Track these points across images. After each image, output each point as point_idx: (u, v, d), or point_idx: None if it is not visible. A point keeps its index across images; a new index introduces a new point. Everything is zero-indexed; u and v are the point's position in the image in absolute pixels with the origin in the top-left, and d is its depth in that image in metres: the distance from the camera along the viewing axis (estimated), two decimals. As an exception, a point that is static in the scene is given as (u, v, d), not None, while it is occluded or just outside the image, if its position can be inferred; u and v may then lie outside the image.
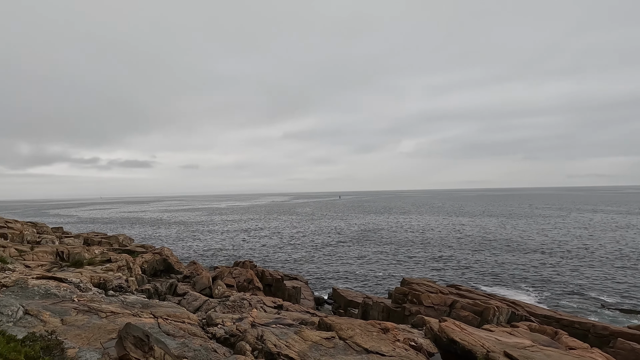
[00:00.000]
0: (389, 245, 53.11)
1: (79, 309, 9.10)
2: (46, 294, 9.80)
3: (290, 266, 41.18)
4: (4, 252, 14.85)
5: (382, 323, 12.07)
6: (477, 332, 12.84)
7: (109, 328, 8.06)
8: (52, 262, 14.96)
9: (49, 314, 8.20)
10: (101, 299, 10.62)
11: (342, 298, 28.08)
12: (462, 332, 12.08)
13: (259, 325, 11.19)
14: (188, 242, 60.73)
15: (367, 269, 39.50)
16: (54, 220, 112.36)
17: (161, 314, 10.40)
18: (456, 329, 12.13)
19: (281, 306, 20.50)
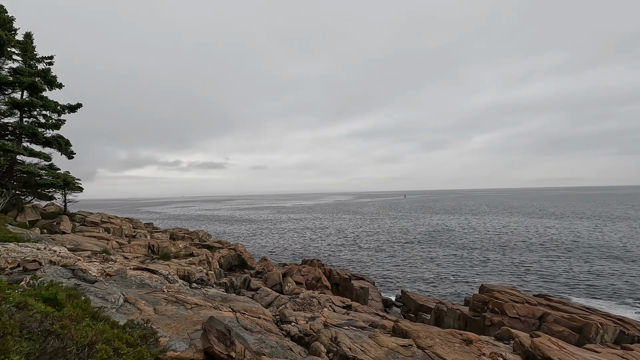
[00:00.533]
0: (460, 248, 49.67)
1: (168, 300, 9.86)
2: (141, 283, 10.81)
3: (354, 266, 40.78)
4: (107, 244, 16.97)
5: (463, 333, 11.03)
6: (580, 352, 11.09)
7: (194, 319, 8.55)
8: (145, 255, 16.70)
9: (144, 303, 8.97)
10: (186, 290, 11.40)
11: (412, 301, 26.90)
12: (560, 350, 10.53)
13: (331, 325, 11.00)
14: (257, 239, 63.88)
15: (436, 272, 37.33)
16: (145, 216, 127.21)
17: (239, 309, 10.80)
18: (553, 347, 10.61)
19: (350, 306, 20.21)
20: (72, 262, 10.19)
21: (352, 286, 26.24)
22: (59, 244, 13.07)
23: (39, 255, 9.83)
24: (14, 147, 18.42)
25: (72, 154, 23.04)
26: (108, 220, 25.20)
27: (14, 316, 4.26)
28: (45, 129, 21.37)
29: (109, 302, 8.15)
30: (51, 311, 5.92)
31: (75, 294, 7.49)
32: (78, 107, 22.92)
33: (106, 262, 12.22)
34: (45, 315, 4.52)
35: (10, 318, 4.41)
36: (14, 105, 19.29)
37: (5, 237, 10.24)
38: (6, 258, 9.15)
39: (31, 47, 20.54)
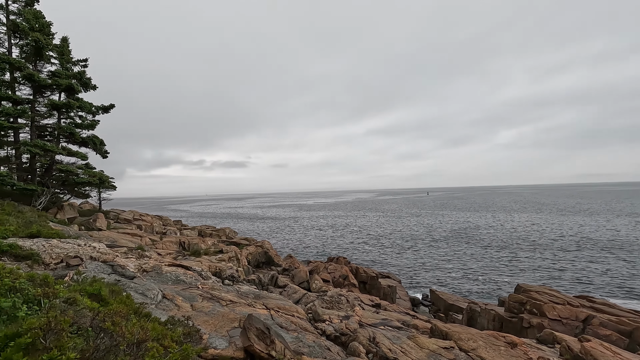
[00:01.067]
0: (487, 246, 47.99)
1: (203, 296, 9.89)
2: (176, 280, 10.92)
3: (378, 264, 40.19)
4: (141, 241, 17.39)
5: (506, 336, 10.47)
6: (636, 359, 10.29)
7: (231, 317, 8.50)
8: (177, 251, 17.00)
9: (181, 299, 9.01)
10: (220, 287, 11.43)
11: (441, 301, 26.21)
12: (615, 357, 9.82)
13: (366, 325, 10.72)
14: (280, 236, 64.33)
15: (463, 271, 36.18)
16: (171, 214, 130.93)
17: (272, 306, 10.71)
18: (607, 352, 9.89)
19: (379, 305, 19.84)
20: (111, 258, 10.41)
21: (380, 284, 25.81)
22: (97, 241, 13.45)
23: (80, 251, 10.10)
24: (54, 147, 19.25)
25: (106, 153, 23.91)
26: (140, 218, 25.94)
27: (67, 312, 4.25)
28: (82, 129, 22.26)
29: (149, 298, 8.21)
30: (97, 307, 5.93)
31: (117, 290, 7.56)
32: (111, 107, 23.75)
33: (142, 259, 12.44)
34: (97, 313, 4.49)
35: (63, 314, 4.40)
36: (53, 106, 20.16)
37: (48, 233, 10.58)
38: (50, 254, 9.43)
39: (67, 51, 21.40)
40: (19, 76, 19.42)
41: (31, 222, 12.08)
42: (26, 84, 19.97)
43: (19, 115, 19.03)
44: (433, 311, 26.38)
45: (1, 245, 9.05)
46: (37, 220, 12.76)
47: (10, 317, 4.79)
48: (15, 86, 19.90)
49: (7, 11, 19.75)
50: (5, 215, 12.25)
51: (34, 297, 5.31)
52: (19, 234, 10.29)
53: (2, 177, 16.52)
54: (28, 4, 20.23)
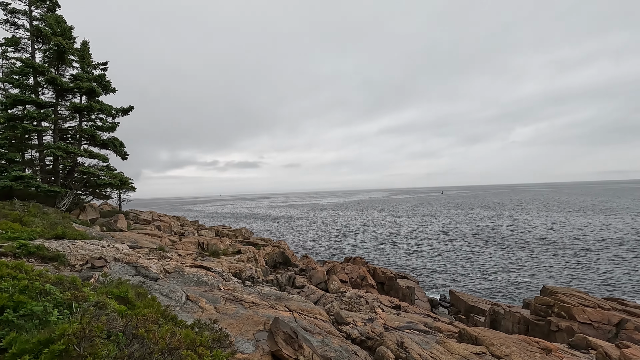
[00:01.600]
0: (506, 246, 46.77)
1: (226, 298, 9.79)
2: (198, 281, 10.86)
3: (394, 264, 39.64)
4: (161, 242, 17.51)
5: (540, 341, 10.02)
6: (681, 366, 9.68)
7: (256, 319, 8.35)
8: (196, 252, 17.03)
9: (205, 301, 8.92)
10: (241, 288, 11.32)
11: (461, 302, 25.63)
12: (658, 364, 9.22)
13: (391, 328, 10.42)
14: (294, 236, 64.33)
15: (481, 271, 35.32)
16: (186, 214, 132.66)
17: (295, 308, 10.53)
18: (649, 360, 9.31)
19: (399, 306, 19.47)
20: (134, 259, 10.42)
21: (398, 285, 25.40)
22: (120, 242, 13.55)
23: (104, 252, 10.13)
24: (76, 149, 19.62)
25: (126, 155, 24.28)
26: (158, 218, 26.24)
27: (99, 318, 4.15)
28: (102, 131, 22.67)
29: (173, 300, 8.14)
30: (124, 310, 5.84)
31: (143, 292, 7.50)
32: (130, 109, 24.11)
33: (163, 259, 12.46)
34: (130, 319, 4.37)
35: (94, 318, 4.30)
36: (75, 109, 20.56)
37: (73, 235, 10.67)
38: (76, 255, 9.48)
39: (88, 54, 21.80)
40: (42, 80, 19.89)
41: (56, 223, 12.24)
42: (49, 87, 20.42)
43: (43, 118, 19.48)
44: (453, 313, 25.84)
45: (28, 247, 9.14)
46: (61, 222, 12.94)
47: (42, 321, 4.70)
48: (39, 90, 20.40)
49: (31, 17, 20.25)
50: (31, 217, 12.45)
51: (64, 301, 5.24)
52: (45, 235, 10.40)
53: (27, 179, 16.91)
54: (50, 9, 20.70)
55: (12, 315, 4.61)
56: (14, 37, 19.76)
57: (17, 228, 10.47)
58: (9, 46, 19.65)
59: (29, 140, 22.14)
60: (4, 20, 19.96)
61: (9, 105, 19.05)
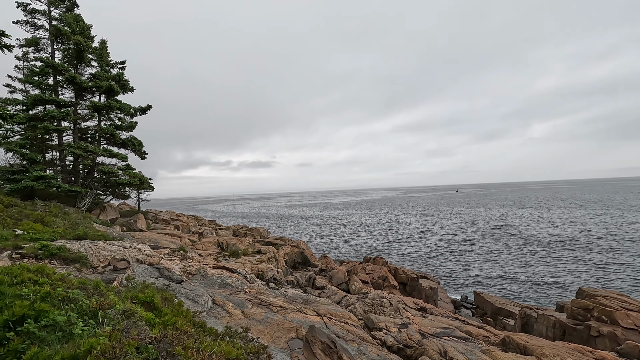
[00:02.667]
0: (526, 245, 45.10)
1: (252, 301, 9.29)
2: (222, 283, 10.39)
3: (411, 263, 38.67)
4: (181, 242, 17.21)
5: (594, 351, 9.17)
6: None
7: (287, 325, 7.82)
8: (216, 252, 16.67)
9: (232, 305, 8.44)
10: (266, 291, 10.82)
11: (487, 304, 24.61)
12: None
13: (428, 335, 9.72)
14: (309, 235, 63.85)
15: (502, 271, 34.04)
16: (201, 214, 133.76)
17: (324, 312, 9.96)
18: None
19: (424, 309, 18.70)
20: (157, 261, 10.03)
21: (421, 286, 24.55)
22: (141, 242, 13.23)
23: (126, 253, 9.77)
24: (96, 148, 19.56)
25: (144, 154, 24.19)
26: (177, 218, 26.10)
27: (129, 331, 3.66)
28: (121, 130, 22.60)
29: (200, 304, 7.68)
30: (152, 318, 5.35)
31: (169, 297, 7.03)
32: (148, 108, 23.99)
33: (185, 260, 12.08)
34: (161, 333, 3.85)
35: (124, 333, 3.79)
36: (95, 108, 20.52)
37: (94, 235, 10.36)
38: (97, 257, 9.13)
39: (106, 54, 21.76)
40: (61, 80, 19.89)
41: (77, 223, 11.99)
42: (68, 87, 20.43)
43: (63, 117, 19.47)
44: (478, 315, 24.87)
45: (50, 248, 8.82)
46: (82, 222, 12.71)
47: (66, 333, 4.19)
48: (59, 90, 20.44)
49: (50, 17, 20.28)
50: (53, 217, 12.24)
51: (89, 309, 4.78)
52: (66, 236, 10.11)
53: (48, 179, 16.88)
54: (69, 9, 20.71)
55: (33, 326, 4.12)
56: (34, 38, 19.82)
57: (38, 228, 10.23)
58: (29, 46, 19.73)
59: (49, 141, 22.24)
60: (24, 21, 20.06)
61: (29, 105, 19.11)
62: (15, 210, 11.92)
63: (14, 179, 16.65)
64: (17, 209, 12.30)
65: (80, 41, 18.60)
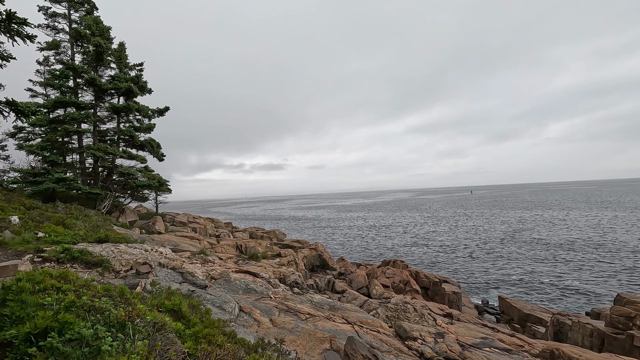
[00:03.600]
0: (549, 247, 43.40)
1: (279, 308, 8.81)
2: (246, 288, 9.95)
3: (428, 267, 37.61)
4: (200, 244, 16.91)
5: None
6: None
7: (319, 335, 7.31)
8: (236, 255, 16.30)
9: (259, 313, 7.96)
10: (292, 296, 10.33)
11: (514, 310, 23.59)
12: None
13: (467, 345, 9.04)
14: (324, 238, 63.23)
15: (524, 274, 32.72)
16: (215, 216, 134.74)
17: (354, 320, 9.40)
18: None
19: (450, 315, 17.86)
20: (179, 265, 9.66)
21: (444, 290, 23.68)
22: (161, 245, 12.94)
23: (148, 257, 9.44)
24: (115, 150, 19.54)
25: (162, 156, 24.16)
26: (194, 220, 25.95)
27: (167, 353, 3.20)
28: (140, 132, 22.60)
29: (227, 311, 7.23)
30: (182, 329, 4.90)
31: (195, 304, 6.59)
32: (166, 110, 23.96)
33: (206, 264, 11.72)
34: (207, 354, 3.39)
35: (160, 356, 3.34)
36: (114, 110, 20.53)
37: (115, 238, 10.06)
38: (120, 260, 8.81)
39: (124, 55, 21.83)
40: (81, 82, 19.98)
41: (98, 226, 11.77)
42: (88, 89, 20.51)
43: (83, 119, 19.53)
44: (504, 321, 23.85)
45: (72, 251, 8.53)
46: (103, 224, 12.50)
47: (93, 349, 3.73)
48: (78, 92, 20.56)
49: (70, 20, 20.47)
50: (74, 219, 12.05)
51: (117, 320, 4.34)
52: (88, 238, 9.84)
53: (69, 182, 16.86)
54: (88, 12, 20.87)
55: (56, 340, 3.69)
56: (54, 41, 20.01)
57: (60, 231, 10.01)
58: (50, 50, 19.93)
59: (69, 144, 22.40)
60: (45, 24, 20.29)
61: (50, 107, 19.24)
62: (36, 213, 11.78)
63: (35, 181, 16.72)
64: (38, 211, 12.17)
65: (100, 43, 18.63)
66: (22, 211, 11.70)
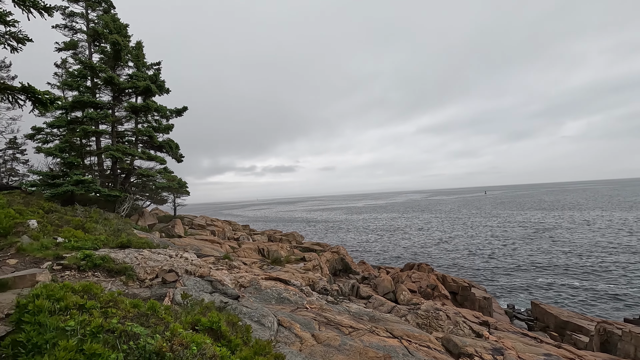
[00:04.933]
0: (574, 249, 41.36)
1: (318, 321, 7.94)
2: (279, 298, 9.10)
3: (448, 269, 36.16)
4: (221, 248, 16.19)
5: None
6: None
7: (370, 355, 6.40)
8: (260, 260, 15.53)
9: (299, 327, 7.08)
10: (327, 306, 9.42)
11: (549, 316, 22.22)
12: None
13: (531, 364, 7.98)
14: (339, 240, 62.20)
15: (551, 277, 31.11)
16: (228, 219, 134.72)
17: (400, 334, 8.44)
18: None
19: (487, 323, 16.66)
20: (207, 272, 8.89)
21: (474, 296, 22.45)
22: (183, 249, 12.23)
23: (174, 264, 8.69)
24: (135, 150, 19.05)
25: (181, 157, 23.60)
26: (212, 223, 25.34)
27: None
28: (159, 132, 22.11)
29: (266, 327, 6.39)
30: (227, 355, 4.07)
31: (233, 320, 5.76)
32: (184, 110, 23.42)
33: (232, 270, 10.95)
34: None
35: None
36: (133, 109, 20.05)
37: (138, 243, 9.36)
38: (144, 268, 8.07)
39: (142, 54, 21.40)
40: (99, 82, 19.59)
41: (119, 230, 11.13)
42: (106, 88, 20.12)
43: (102, 119, 19.11)
44: (539, 328, 22.47)
45: (93, 258, 7.83)
46: (124, 228, 11.86)
47: None
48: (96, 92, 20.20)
49: (87, 19, 20.17)
50: (93, 223, 11.43)
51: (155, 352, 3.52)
52: (109, 244, 9.17)
53: (88, 184, 16.40)
54: (105, 11, 20.52)
55: (83, 380, 2.90)
56: (72, 41, 19.71)
57: (80, 236, 9.36)
58: (68, 50, 19.64)
59: (87, 147, 22.08)
60: (63, 25, 20.04)
61: (69, 108, 18.88)
62: (55, 216, 11.21)
63: (53, 183, 16.30)
64: (57, 214, 11.61)
65: (117, 40, 18.19)
66: (40, 215, 11.15)
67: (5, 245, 8.47)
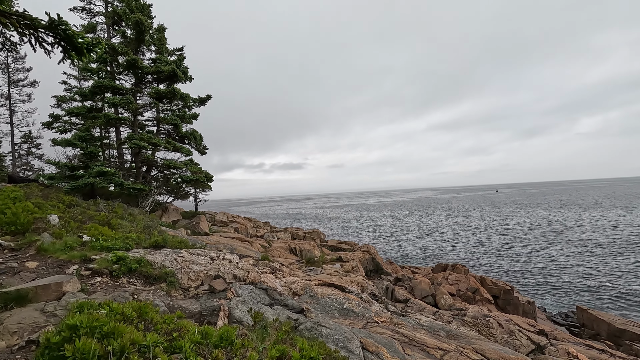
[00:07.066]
0: (601, 248, 38.92)
1: (398, 340, 6.49)
2: (341, 309, 7.65)
3: (472, 270, 34.24)
4: (252, 247, 14.84)
5: None
6: None
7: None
8: (297, 261, 14.16)
9: (387, 352, 5.64)
10: (396, 319, 7.96)
11: (601, 323, 20.23)
12: None
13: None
14: (353, 238, 60.63)
15: (582, 278, 28.99)
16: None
17: (493, 356, 6.96)
18: None
19: (543, 332, 14.97)
20: (257, 278, 7.49)
21: (517, 300, 20.71)
22: (216, 249, 10.86)
23: (219, 268, 7.32)
24: (160, 140, 17.74)
25: (205, 149, 22.27)
26: (234, 220, 24.08)
27: None
28: (183, 121, 20.79)
29: (354, 353, 4.98)
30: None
31: (328, 351, 4.33)
32: (208, 98, 22.07)
33: (276, 273, 9.57)
34: None
35: None
36: (157, 95, 18.66)
37: (174, 242, 7.99)
38: (188, 273, 6.70)
39: (164, 39, 20.06)
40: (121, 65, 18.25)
41: (149, 226, 9.82)
42: (128, 73, 18.85)
43: (124, 105, 17.78)
44: (588, 336, 20.63)
45: (128, 261, 6.46)
46: (151, 225, 10.55)
47: None
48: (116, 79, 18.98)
49: (106, 1, 18.93)
50: (119, 219, 10.13)
51: None
52: (141, 243, 7.82)
53: (110, 176, 15.17)
54: (126, -9, 19.21)
55: None
56: (90, 24, 18.51)
57: (108, 234, 8.04)
58: (87, 33, 18.38)
59: (106, 139, 20.96)
60: (81, 7, 18.84)
61: (89, 94, 17.65)
62: (78, 211, 9.95)
63: (73, 175, 15.11)
64: (79, 209, 10.35)
65: (141, 19, 16.84)
66: (61, 209, 9.89)
67: (23, 244, 7.18)
